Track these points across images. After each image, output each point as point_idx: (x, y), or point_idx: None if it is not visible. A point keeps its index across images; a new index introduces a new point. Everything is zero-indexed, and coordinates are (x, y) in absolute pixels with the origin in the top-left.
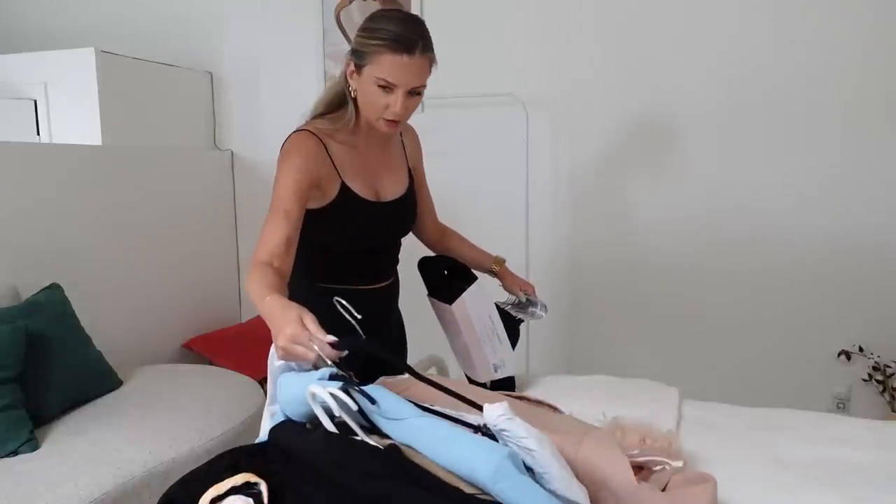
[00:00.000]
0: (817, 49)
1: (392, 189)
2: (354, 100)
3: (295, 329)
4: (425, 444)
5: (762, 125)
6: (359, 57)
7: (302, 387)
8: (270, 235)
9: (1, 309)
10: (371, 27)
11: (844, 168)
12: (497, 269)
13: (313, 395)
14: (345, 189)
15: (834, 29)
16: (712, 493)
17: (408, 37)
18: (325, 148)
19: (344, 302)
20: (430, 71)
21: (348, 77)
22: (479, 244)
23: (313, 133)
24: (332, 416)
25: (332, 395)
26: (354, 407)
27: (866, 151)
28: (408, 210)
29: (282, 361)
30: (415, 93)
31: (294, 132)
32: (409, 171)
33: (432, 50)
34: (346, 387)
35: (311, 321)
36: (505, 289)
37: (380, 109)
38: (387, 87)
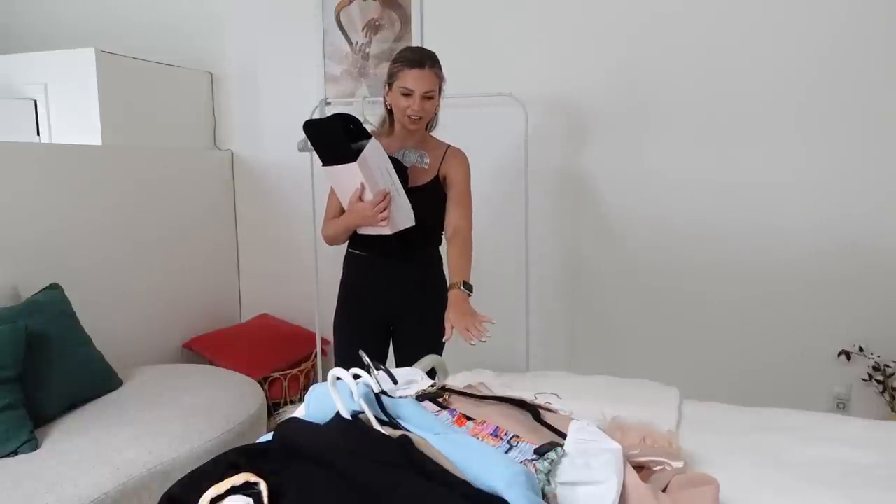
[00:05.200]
0: (818, 49)
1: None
2: (390, 111)
3: (365, 208)
4: (441, 442)
5: (764, 124)
6: (390, 78)
7: (332, 403)
8: (330, 205)
9: (1, 309)
10: (396, 58)
11: (845, 168)
12: (453, 289)
13: (336, 380)
14: None
15: (836, 27)
16: (715, 495)
17: (419, 58)
18: None
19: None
20: (439, 83)
21: (385, 97)
22: (479, 243)
23: None
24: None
25: (354, 376)
26: (377, 388)
27: (868, 151)
28: (416, 200)
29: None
30: (427, 97)
31: None
32: (437, 176)
33: (439, 67)
34: (368, 368)
35: (368, 200)
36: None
37: (405, 109)
38: (407, 94)
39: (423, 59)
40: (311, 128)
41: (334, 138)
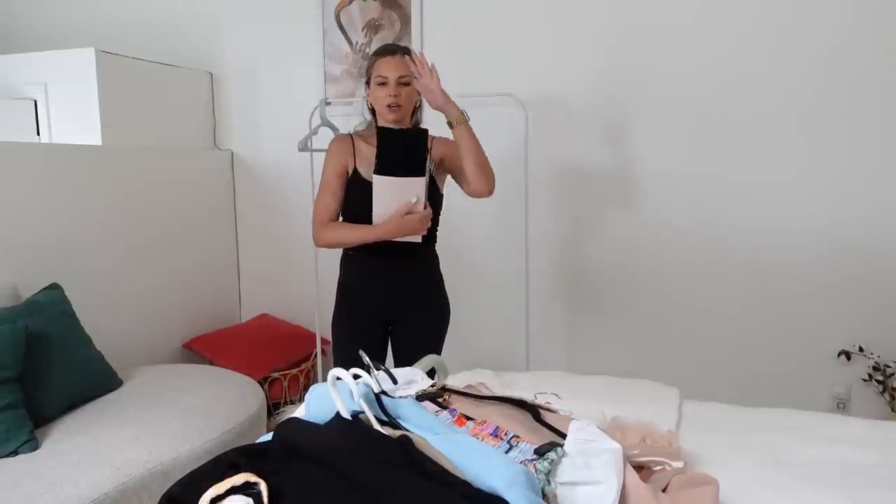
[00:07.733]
0: (820, 50)
1: None
2: (373, 111)
3: (414, 220)
4: (441, 442)
5: (764, 124)
6: (367, 75)
7: (331, 404)
8: (326, 206)
9: (1, 309)
10: (370, 56)
11: (845, 167)
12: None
13: (336, 380)
14: (355, 171)
15: (839, 27)
16: (715, 495)
17: (389, 48)
18: (353, 143)
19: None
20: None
21: (367, 97)
22: (479, 242)
23: (349, 134)
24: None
25: (354, 376)
26: (377, 388)
27: (867, 150)
28: None
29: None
30: (403, 83)
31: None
32: (430, 171)
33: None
34: (368, 368)
35: (419, 212)
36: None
37: (383, 99)
38: (383, 83)
39: (395, 48)
40: (389, 134)
41: (416, 152)
